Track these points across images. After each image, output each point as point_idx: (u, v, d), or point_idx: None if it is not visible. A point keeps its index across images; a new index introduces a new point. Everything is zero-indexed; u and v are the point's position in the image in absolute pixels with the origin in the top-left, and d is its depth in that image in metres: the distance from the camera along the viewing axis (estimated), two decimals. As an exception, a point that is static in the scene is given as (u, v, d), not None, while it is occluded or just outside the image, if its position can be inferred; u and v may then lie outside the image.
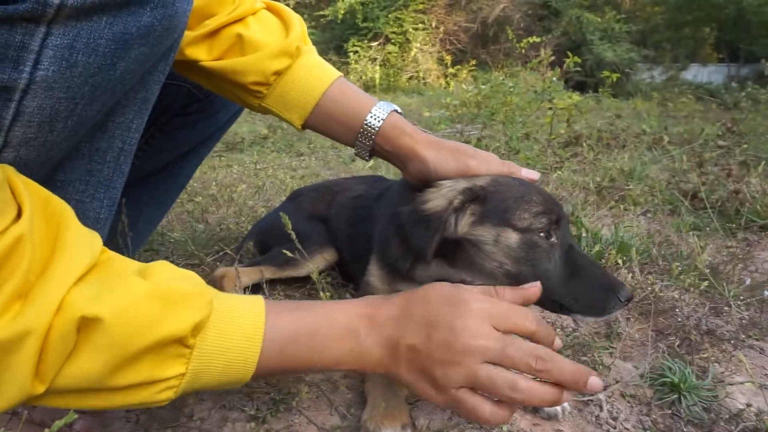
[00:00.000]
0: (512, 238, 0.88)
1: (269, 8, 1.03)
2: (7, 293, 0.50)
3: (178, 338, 0.59)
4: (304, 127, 1.04)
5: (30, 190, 0.57)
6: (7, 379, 0.51)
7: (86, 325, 0.54)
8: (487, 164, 0.95)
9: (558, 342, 0.77)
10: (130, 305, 0.56)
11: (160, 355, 0.59)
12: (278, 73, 0.98)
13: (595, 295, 0.86)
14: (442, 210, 0.90)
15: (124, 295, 0.56)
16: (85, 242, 0.58)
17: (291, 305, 0.72)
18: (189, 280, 0.63)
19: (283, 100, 1.00)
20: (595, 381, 0.68)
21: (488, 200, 0.91)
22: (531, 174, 0.98)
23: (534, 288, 0.79)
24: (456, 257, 0.95)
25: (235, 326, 0.64)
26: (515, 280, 0.88)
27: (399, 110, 1.03)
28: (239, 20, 0.97)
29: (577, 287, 0.87)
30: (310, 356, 0.69)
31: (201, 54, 0.96)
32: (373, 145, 1.01)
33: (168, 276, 0.62)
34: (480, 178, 0.95)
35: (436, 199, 0.91)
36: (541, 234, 0.89)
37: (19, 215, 0.54)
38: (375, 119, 0.98)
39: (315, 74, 1.01)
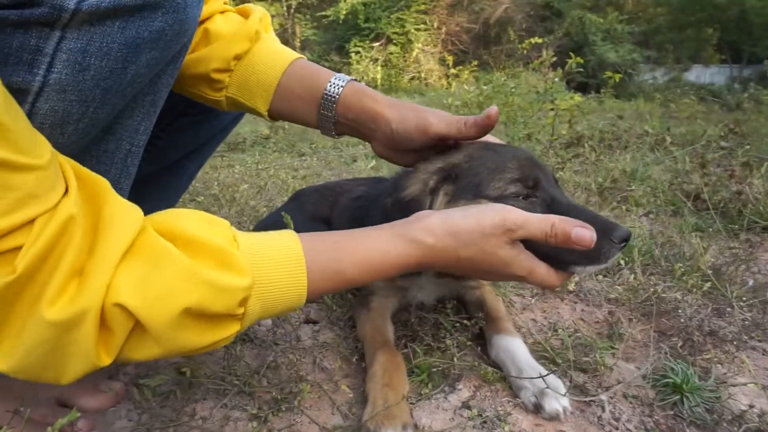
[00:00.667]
0: None
1: (238, 11, 1.04)
2: (65, 271, 0.53)
3: (225, 314, 0.62)
4: (271, 114, 1.02)
5: (70, 166, 0.59)
6: (73, 352, 0.55)
7: (131, 314, 0.56)
8: (446, 124, 0.91)
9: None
10: (171, 294, 0.57)
11: (213, 324, 0.62)
12: (238, 57, 0.97)
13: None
14: (419, 193, 0.91)
15: (166, 285, 0.57)
16: (125, 216, 0.59)
17: (334, 263, 0.72)
18: (226, 261, 0.63)
19: (245, 84, 0.99)
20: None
21: (461, 177, 0.90)
22: (490, 111, 0.89)
23: (586, 240, 0.78)
24: None
25: (279, 285, 0.67)
26: None
27: (358, 81, 1.02)
28: (207, 18, 0.97)
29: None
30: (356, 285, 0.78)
31: None
32: (335, 115, 0.98)
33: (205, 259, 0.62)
34: (455, 155, 0.94)
35: (414, 185, 0.93)
36: (517, 197, 0.87)
37: (66, 191, 0.56)
38: (334, 87, 0.97)
39: (275, 56, 1.00)
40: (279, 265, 0.66)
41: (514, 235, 0.77)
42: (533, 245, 0.80)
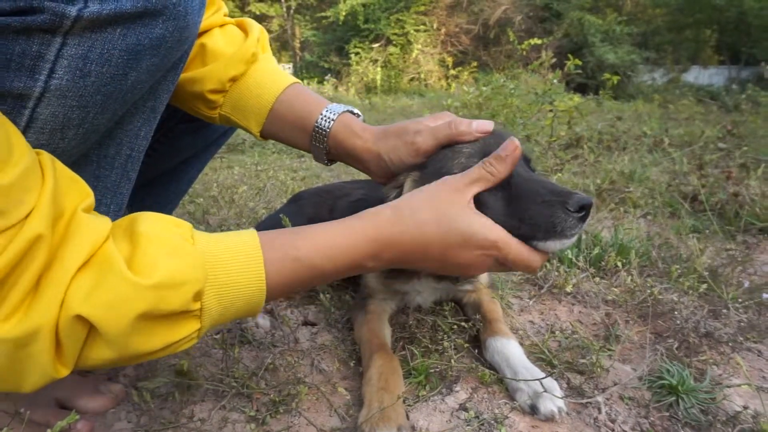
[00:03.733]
0: None
1: (237, 24, 1.04)
2: (22, 288, 0.52)
3: (181, 311, 0.60)
4: (263, 135, 1.02)
5: (51, 172, 0.58)
6: (30, 366, 0.55)
7: (85, 322, 0.55)
8: (434, 136, 0.90)
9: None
10: (122, 303, 0.56)
11: (170, 324, 0.61)
12: (234, 80, 0.98)
13: (541, 212, 0.78)
14: (393, 186, 0.94)
15: (115, 295, 0.56)
16: (90, 229, 0.58)
17: (292, 250, 0.71)
18: (179, 251, 0.61)
19: (239, 105, 0.99)
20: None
21: (428, 165, 0.91)
22: (483, 126, 0.89)
23: (509, 146, 0.81)
24: None
25: (237, 279, 0.65)
26: None
27: (354, 111, 1.00)
28: (205, 32, 0.97)
29: (519, 207, 0.80)
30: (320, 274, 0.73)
31: None
32: (327, 148, 0.98)
33: (157, 254, 0.60)
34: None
35: (393, 182, 0.96)
36: None
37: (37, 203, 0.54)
38: (325, 120, 0.96)
39: (270, 79, 0.99)
40: (235, 260, 0.65)
41: (462, 184, 0.77)
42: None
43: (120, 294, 0.56)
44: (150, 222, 0.63)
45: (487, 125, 0.89)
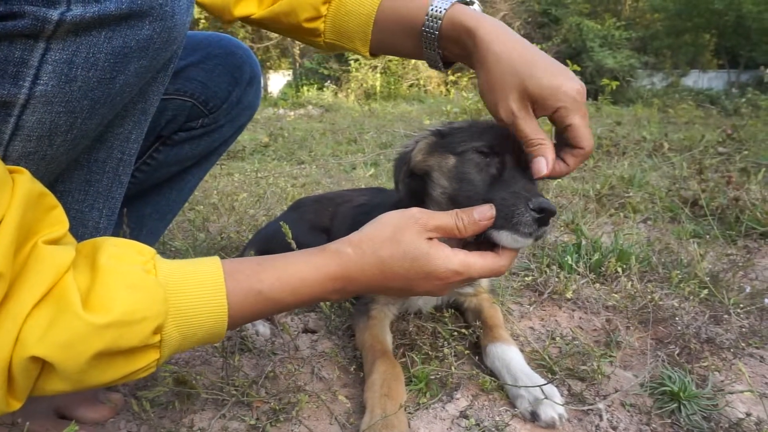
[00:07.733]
0: (451, 161, 0.94)
1: None
2: None
3: (141, 346, 0.59)
4: (372, 52, 0.99)
5: (34, 198, 0.56)
6: None
7: (39, 360, 0.54)
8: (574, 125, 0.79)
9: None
10: (79, 342, 0.55)
11: (129, 357, 0.60)
12: (327, 2, 0.95)
13: (506, 199, 0.81)
14: (412, 143, 1.00)
15: (72, 335, 0.54)
16: (50, 262, 0.56)
17: (255, 283, 0.70)
18: (139, 284, 0.60)
19: (341, 29, 0.96)
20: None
21: (447, 135, 0.97)
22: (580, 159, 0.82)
23: (487, 213, 0.79)
24: (427, 203, 0.99)
25: (198, 310, 0.64)
26: (452, 202, 0.92)
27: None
28: None
29: (493, 191, 0.84)
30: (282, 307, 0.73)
31: (251, 8, 0.97)
32: (437, 38, 0.87)
33: (116, 288, 0.58)
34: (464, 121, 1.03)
35: (413, 137, 1.01)
36: (474, 155, 0.91)
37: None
38: (432, 21, 0.87)
39: None
40: (198, 291, 0.64)
41: (426, 227, 0.76)
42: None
43: (76, 333, 0.54)
44: (112, 251, 0.61)
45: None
